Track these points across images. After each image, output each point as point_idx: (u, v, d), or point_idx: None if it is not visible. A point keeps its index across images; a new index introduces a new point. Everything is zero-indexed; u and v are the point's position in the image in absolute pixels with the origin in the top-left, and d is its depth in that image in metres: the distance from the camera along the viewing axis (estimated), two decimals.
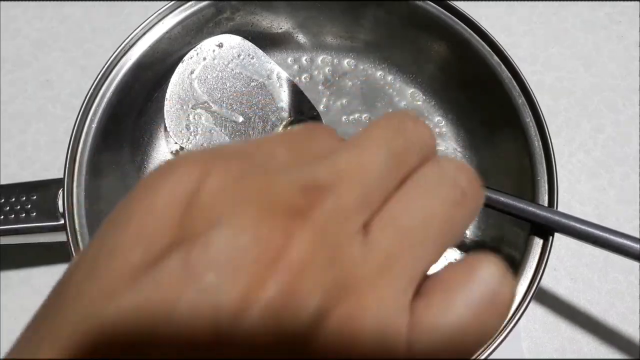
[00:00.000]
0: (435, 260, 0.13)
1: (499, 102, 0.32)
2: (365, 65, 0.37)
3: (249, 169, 0.12)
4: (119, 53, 0.32)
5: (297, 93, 0.35)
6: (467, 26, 0.33)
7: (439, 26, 0.33)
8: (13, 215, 0.30)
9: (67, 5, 0.42)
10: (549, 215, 0.27)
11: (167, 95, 0.34)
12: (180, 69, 0.34)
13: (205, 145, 0.34)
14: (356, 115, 0.36)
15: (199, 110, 0.34)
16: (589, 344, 0.33)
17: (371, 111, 0.36)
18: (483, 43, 0.32)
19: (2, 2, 0.42)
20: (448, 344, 0.12)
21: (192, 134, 0.34)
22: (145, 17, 0.33)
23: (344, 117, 0.36)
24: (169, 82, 0.34)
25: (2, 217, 0.30)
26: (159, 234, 0.11)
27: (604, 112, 0.39)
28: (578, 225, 0.26)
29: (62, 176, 0.30)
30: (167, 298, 0.10)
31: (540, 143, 0.30)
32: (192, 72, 0.34)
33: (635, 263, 0.34)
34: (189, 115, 0.34)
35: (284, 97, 0.35)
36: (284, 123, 0.35)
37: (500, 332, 0.27)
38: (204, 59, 0.34)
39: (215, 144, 0.34)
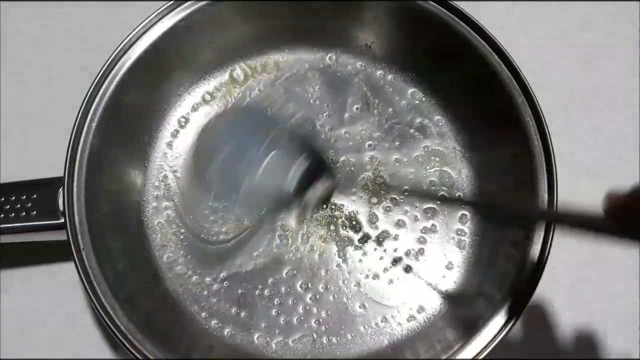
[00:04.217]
0: None
1: (499, 101, 0.32)
2: (365, 65, 0.37)
3: None
4: (119, 53, 0.32)
5: None
6: (468, 26, 0.33)
7: (439, 26, 0.33)
8: (13, 214, 0.30)
9: (67, 5, 0.42)
10: (548, 215, 0.27)
11: None
12: None
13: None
14: (356, 115, 0.36)
15: None
16: (589, 343, 0.33)
17: (371, 111, 0.36)
18: (483, 43, 0.32)
19: (2, 2, 0.42)
20: None
21: None
22: (145, 17, 0.33)
23: (345, 116, 0.36)
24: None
25: (2, 215, 0.30)
26: None
27: (604, 112, 0.39)
28: (578, 225, 0.26)
29: (62, 175, 0.30)
30: None
31: (540, 143, 0.30)
32: None
33: (635, 263, 0.35)
34: None
35: None
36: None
37: (500, 331, 0.27)
38: None
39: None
